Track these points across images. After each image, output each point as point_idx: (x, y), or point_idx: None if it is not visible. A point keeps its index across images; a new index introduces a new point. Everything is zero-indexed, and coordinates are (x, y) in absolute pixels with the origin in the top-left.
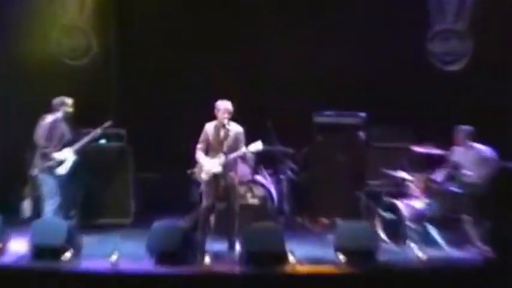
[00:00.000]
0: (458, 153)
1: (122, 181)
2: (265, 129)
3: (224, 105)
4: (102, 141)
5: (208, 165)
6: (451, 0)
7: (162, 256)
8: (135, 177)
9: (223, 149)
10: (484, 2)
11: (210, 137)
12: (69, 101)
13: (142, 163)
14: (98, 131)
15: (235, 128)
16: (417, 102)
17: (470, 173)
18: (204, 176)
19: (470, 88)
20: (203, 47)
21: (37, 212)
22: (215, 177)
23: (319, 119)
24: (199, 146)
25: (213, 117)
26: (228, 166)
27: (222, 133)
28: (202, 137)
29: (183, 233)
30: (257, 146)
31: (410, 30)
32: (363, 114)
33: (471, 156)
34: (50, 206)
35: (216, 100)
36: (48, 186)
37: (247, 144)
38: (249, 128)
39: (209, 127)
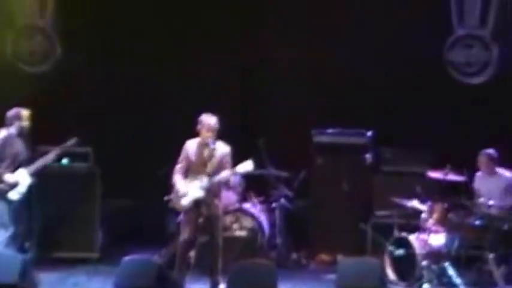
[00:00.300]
0: (481, 180)
1: (87, 208)
2: (255, 148)
3: (207, 121)
4: (64, 161)
5: (185, 190)
6: (473, 2)
7: None
8: (102, 204)
9: (206, 170)
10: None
11: (192, 157)
12: (25, 113)
13: (112, 187)
14: (60, 149)
15: (222, 148)
16: (434, 119)
17: (494, 204)
18: (183, 203)
19: (495, 104)
20: (186, 52)
21: None
22: (196, 204)
23: (319, 138)
24: (178, 166)
25: (196, 134)
26: (212, 191)
27: (206, 152)
28: (182, 156)
29: (157, 269)
30: (247, 166)
31: (427, 36)
32: (370, 133)
33: (495, 184)
34: (0, 237)
35: (199, 113)
36: None
37: (235, 164)
38: (236, 147)
39: (191, 145)
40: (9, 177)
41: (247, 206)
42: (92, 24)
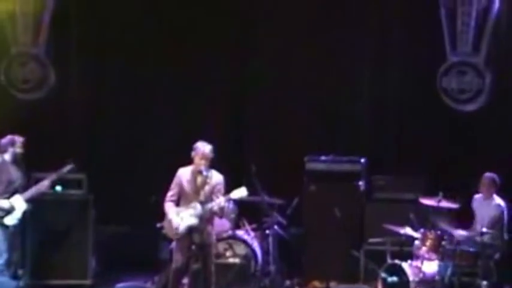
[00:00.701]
0: (478, 204)
1: (81, 235)
2: (248, 175)
3: (202, 149)
4: (58, 187)
5: (179, 218)
6: (466, 29)
7: None
8: (95, 230)
9: (199, 198)
10: (502, 32)
11: (185, 184)
12: (19, 140)
13: (105, 214)
14: (55, 176)
15: (215, 176)
16: (427, 146)
17: (488, 230)
18: (176, 231)
19: (488, 131)
20: (178, 78)
21: None
22: (189, 232)
23: (312, 165)
24: (169, 194)
25: (190, 160)
26: (205, 218)
27: (199, 180)
28: (174, 183)
29: None
30: (241, 192)
31: (420, 63)
32: (362, 161)
33: (488, 211)
34: None
35: (191, 141)
36: None
37: (229, 191)
38: (228, 174)
39: (184, 172)
40: (3, 203)
41: (240, 233)
42: (85, 52)
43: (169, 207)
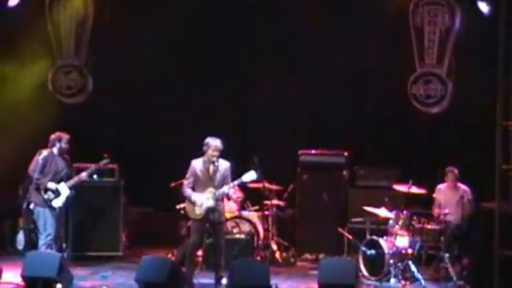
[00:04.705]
0: (442, 192)
1: (113, 215)
2: (253, 166)
3: (215, 143)
4: (95, 176)
5: (201, 200)
6: (431, 45)
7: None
8: (125, 211)
9: (214, 183)
10: (461, 48)
11: (199, 173)
12: (65, 136)
13: (133, 198)
14: (94, 168)
15: (223, 164)
16: (399, 142)
17: (452, 212)
18: (197, 212)
19: (449, 129)
20: (194, 86)
21: (31, 244)
22: (207, 212)
23: (304, 157)
24: (186, 182)
25: (200, 154)
26: (219, 200)
27: (211, 169)
28: (189, 174)
29: (171, 266)
30: (251, 175)
31: (394, 73)
32: (346, 154)
33: (453, 195)
34: (44, 239)
35: (201, 136)
36: (43, 219)
37: (237, 176)
38: (237, 165)
39: (197, 163)
40: (51, 185)
41: (245, 213)
42: (116, 64)
43: (191, 192)
